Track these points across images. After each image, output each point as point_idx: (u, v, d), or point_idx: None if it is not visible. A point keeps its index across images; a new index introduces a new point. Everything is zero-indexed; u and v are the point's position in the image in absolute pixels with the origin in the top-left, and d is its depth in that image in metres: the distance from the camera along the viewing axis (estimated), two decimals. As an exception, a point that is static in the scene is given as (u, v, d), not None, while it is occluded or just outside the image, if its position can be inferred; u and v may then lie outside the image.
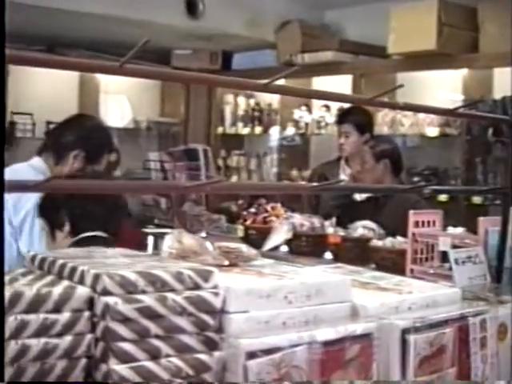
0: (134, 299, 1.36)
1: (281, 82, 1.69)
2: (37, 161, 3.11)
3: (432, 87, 6.35)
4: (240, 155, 8.06)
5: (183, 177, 5.83)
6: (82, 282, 1.40)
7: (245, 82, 1.75)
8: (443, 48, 5.82)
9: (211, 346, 1.45)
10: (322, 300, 1.62)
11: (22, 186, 1.40)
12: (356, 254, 4.06)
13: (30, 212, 2.87)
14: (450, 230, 3.57)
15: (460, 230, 3.59)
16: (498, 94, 5.87)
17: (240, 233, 4.93)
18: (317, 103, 7.20)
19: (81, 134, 3.11)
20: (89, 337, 1.36)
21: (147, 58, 7.29)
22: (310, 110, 7.29)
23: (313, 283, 1.62)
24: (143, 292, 1.38)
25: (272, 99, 7.57)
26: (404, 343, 1.64)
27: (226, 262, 1.73)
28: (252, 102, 7.81)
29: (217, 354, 1.45)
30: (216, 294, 1.46)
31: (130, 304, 1.35)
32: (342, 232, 4.31)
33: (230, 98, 7.94)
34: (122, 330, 1.34)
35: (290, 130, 7.39)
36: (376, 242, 3.95)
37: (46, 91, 7.24)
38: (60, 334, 1.32)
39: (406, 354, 1.64)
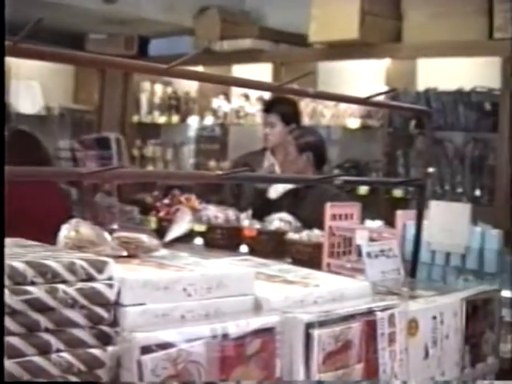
0: (22, 290, 1.28)
1: (199, 68, 1.63)
2: None
3: (355, 77, 6.33)
4: (156, 145, 7.95)
5: (94, 166, 5.69)
6: (-34, 271, 1.32)
7: (149, 66, 1.68)
8: (365, 37, 5.81)
9: (105, 340, 1.39)
10: (223, 293, 1.57)
11: None
12: (271, 247, 4.03)
13: None
14: (368, 223, 3.57)
15: (378, 223, 3.60)
16: (421, 86, 5.90)
17: (153, 224, 4.86)
18: (236, 92, 7.14)
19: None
20: (-27, 330, 1.27)
21: (61, 43, 7.16)
22: (228, 99, 7.23)
23: (214, 275, 1.57)
24: (32, 283, 1.30)
25: (190, 87, 7.46)
26: (308, 338, 1.60)
27: (125, 253, 1.66)
28: (169, 89, 7.69)
29: (110, 348, 1.38)
30: (110, 286, 1.39)
31: (18, 296, 1.28)
32: (257, 225, 4.27)
33: (146, 85, 7.82)
34: (8, 323, 1.26)
35: (209, 120, 7.31)
36: (292, 235, 3.93)
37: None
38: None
39: (310, 349, 1.60)
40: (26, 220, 3.53)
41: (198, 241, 4.45)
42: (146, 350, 1.34)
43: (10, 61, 6.06)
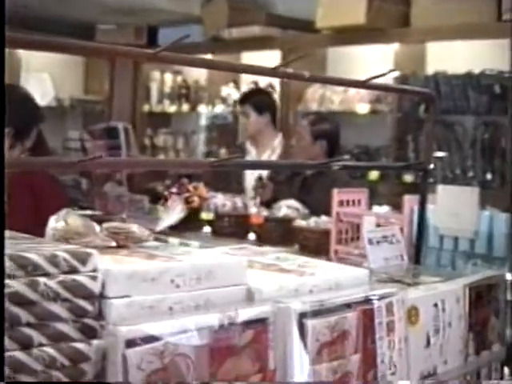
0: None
1: (208, 57, 1.59)
2: None
3: (364, 63, 6.28)
4: (167, 134, 7.94)
5: (103, 156, 5.67)
6: None
7: (138, 52, 1.64)
8: (373, 22, 5.76)
9: (89, 333, 1.35)
10: (213, 283, 1.53)
11: None
12: (279, 234, 4.01)
13: None
14: (376, 209, 3.53)
15: (385, 209, 3.55)
16: (430, 70, 5.83)
17: (161, 213, 4.84)
18: (245, 80, 7.11)
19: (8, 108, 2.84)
20: (-49, 326, 1.24)
21: (71, 33, 7.13)
22: (238, 87, 7.19)
23: (203, 265, 1.52)
24: (12, 276, 1.27)
25: (199, 76, 7.44)
26: (302, 328, 1.55)
27: (113, 244, 1.63)
28: (179, 78, 7.68)
29: (95, 342, 1.35)
30: (94, 278, 1.35)
31: (-4, 289, 1.24)
32: (265, 212, 4.24)
33: (156, 74, 7.80)
34: (-14, 318, 1.23)
35: (219, 108, 7.28)
36: (299, 222, 3.90)
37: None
38: None
39: (304, 340, 1.55)
40: (15, 210, 3.47)
41: (207, 229, 4.43)
42: (130, 343, 1.30)
43: (20, 53, 6.03)
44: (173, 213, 4.22)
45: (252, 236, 4.15)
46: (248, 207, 4.44)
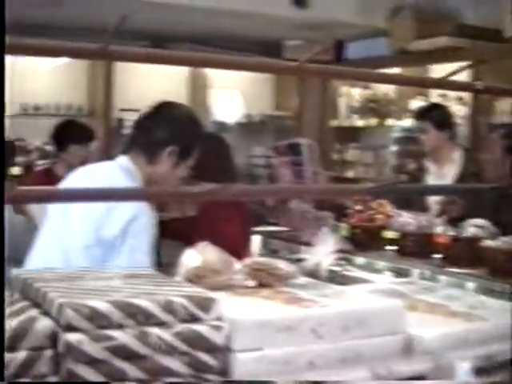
0: (104, 336, 1.09)
1: (395, 70, 1.41)
2: (124, 160, 2.66)
3: None
4: (355, 148, 7.77)
5: (288, 173, 5.60)
6: (49, 312, 1.14)
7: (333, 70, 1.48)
8: None
9: (212, 391, 1.17)
10: (363, 332, 1.30)
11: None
12: (466, 254, 3.74)
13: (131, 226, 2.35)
14: None
15: None
16: None
17: (344, 232, 4.69)
18: (435, 92, 6.81)
19: (175, 126, 2.72)
20: (51, 380, 1.09)
21: (257, 51, 7.09)
22: (426, 100, 6.90)
23: (351, 312, 1.30)
24: (120, 327, 1.11)
25: (388, 89, 7.23)
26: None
27: (252, 283, 1.43)
28: (367, 92, 7.50)
29: (219, 401, 1.16)
30: (218, 328, 1.17)
31: (99, 342, 1.08)
32: (451, 231, 3.97)
33: (344, 89, 7.67)
34: (87, 373, 1.08)
35: (407, 121, 7.03)
36: (488, 242, 3.61)
37: (154, 87, 7.11)
38: (16, 376, 1.07)
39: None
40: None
41: (390, 248, 4.25)
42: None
43: (210, 71, 5.99)
44: (323, 248, 4.00)
45: (437, 255, 3.91)
46: (433, 226, 4.18)
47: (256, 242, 4.73)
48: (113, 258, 2.21)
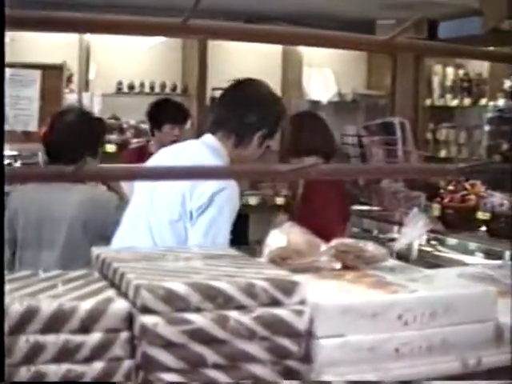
0: (181, 319, 1.06)
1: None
2: (211, 139, 2.63)
3: None
4: (449, 128, 7.61)
5: (380, 152, 5.51)
6: (127, 293, 1.12)
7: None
8: None
9: (292, 378, 1.12)
10: (452, 319, 1.23)
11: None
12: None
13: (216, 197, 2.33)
14: None
15: None
16: None
17: (436, 212, 4.62)
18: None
19: (265, 111, 2.68)
20: (127, 363, 1.07)
21: (349, 30, 7.01)
22: (520, 80, 6.71)
23: (440, 297, 1.23)
24: (198, 310, 1.07)
25: (482, 69, 7.04)
26: None
27: (338, 266, 1.38)
28: (461, 72, 7.33)
29: (300, 388, 1.12)
30: (300, 313, 1.12)
31: (176, 326, 1.05)
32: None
33: (438, 68, 7.51)
34: (164, 357, 1.05)
35: (501, 101, 6.85)
36: None
37: (247, 66, 7.09)
38: (88, 360, 1.05)
39: None
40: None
41: (482, 229, 4.18)
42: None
43: (303, 49, 5.97)
44: (413, 229, 3.91)
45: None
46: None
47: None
48: (193, 227, 2.20)
